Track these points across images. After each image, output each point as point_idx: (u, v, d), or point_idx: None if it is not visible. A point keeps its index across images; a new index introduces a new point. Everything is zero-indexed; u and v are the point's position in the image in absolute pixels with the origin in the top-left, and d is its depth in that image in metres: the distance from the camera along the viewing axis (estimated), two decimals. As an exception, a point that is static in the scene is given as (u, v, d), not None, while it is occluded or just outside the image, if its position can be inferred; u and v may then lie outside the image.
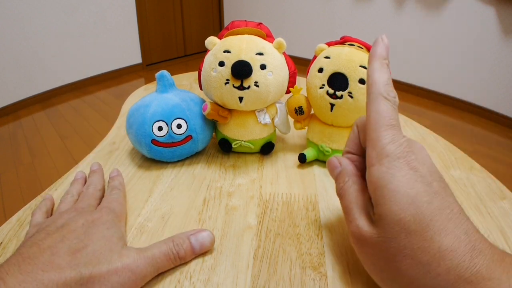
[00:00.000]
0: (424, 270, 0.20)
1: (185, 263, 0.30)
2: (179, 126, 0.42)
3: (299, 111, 0.44)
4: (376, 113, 0.23)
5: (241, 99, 0.40)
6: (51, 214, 0.35)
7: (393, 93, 0.24)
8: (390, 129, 0.23)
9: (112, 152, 0.48)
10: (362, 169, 0.28)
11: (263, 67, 0.40)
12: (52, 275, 0.23)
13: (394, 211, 0.21)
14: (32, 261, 0.24)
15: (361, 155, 0.29)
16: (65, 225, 0.28)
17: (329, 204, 0.38)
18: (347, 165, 0.28)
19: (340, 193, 0.27)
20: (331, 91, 0.40)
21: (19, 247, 0.26)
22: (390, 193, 0.21)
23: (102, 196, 0.37)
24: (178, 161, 0.45)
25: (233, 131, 0.45)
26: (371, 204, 0.24)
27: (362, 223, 0.24)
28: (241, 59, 0.39)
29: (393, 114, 0.23)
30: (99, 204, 0.35)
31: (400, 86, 2.63)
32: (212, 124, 0.46)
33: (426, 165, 0.22)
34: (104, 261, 0.26)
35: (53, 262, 0.24)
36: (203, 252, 0.31)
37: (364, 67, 0.39)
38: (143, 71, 3.23)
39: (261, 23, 0.45)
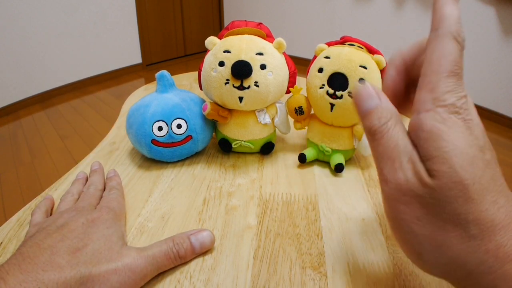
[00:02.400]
0: (474, 244, 0.18)
1: (185, 263, 0.30)
2: (179, 126, 0.42)
3: (299, 111, 0.44)
4: (442, 54, 0.20)
5: (241, 99, 0.40)
6: (51, 214, 0.35)
7: (463, 35, 0.20)
8: (454, 77, 0.20)
9: (112, 152, 0.48)
10: None
11: (263, 67, 0.40)
12: (52, 275, 0.23)
13: (456, 169, 0.18)
14: (32, 260, 0.24)
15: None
16: (65, 225, 0.28)
17: (329, 204, 0.38)
18: (388, 102, 0.22)
19: (378, 133, 0.21)
20: (331, 91, 0.40)
21: (20, 246, 0.26)
22: (450, 147, 0.18)
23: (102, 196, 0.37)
24: (178, 161, 0.45)
25: (233, 131, 0.45)
26: (418, 155, 0.20)
27: (411, 175, 0.19)
28: (241, 59, 0.39)
29: (460, 61, 0.20)
30: (98, 203, 0.35)
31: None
32: (212, 124, 0.46)
33: (481, 130, 0.20)
34: (104, 260, 0.26)
35: (53, 262, 0.24)
36: (204, 251, 0.31)
37: (364, 67, 0.39)
38: (143, 71, 3.23)
39: (261, 23, 0.45)
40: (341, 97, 0.39)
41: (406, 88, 0.25)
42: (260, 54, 0.40)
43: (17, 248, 0.26)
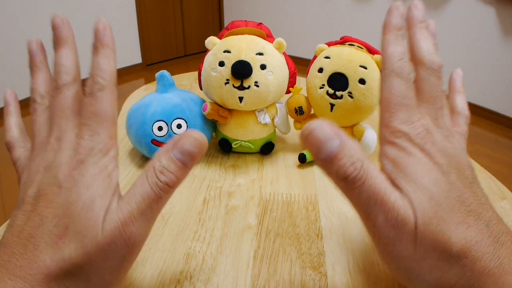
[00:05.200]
0: (453, 261, 0.20)
1: (185, 263, 0.30)
2: (179, 126, 0.42)
3: (299, 111, 0.44)
4: (389, 92, 0.21)
5: (241, 99, 0.40)
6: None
7: (407, 68, 0.22)
8: (403, 108, 0.21)
9: (112, 152, 0.48)
10: None
11: (263, 67, 0.40)
12: (40, 277, 0.22)
13: (419, 201, 0.19)
14: (18, 261, 0.22)
15: None
16: (42, 194, 0.23)
17: (329, 204, 0.38)
18: (348, 138, 0.21)
19: (358, 180, 0.20)
20: (331, 91, 0.40)
21: (5, 232, 0.23)
22: (414, 175, 0.20)
23: (80, 92, 0.27)
24: (178, 161, 0.45)
25: (233, 131, 0.45)
26: (396, 190, 0.21)
27: (403, 212, 0.20)
28: (241, 59, 0.39)
29: (407, 93, 0.21)
30: (77, 113, 0.25)
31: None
32: (212, 124, 0.46)
33: (444, 153, 0.21)
34: (89, 243, 0.22)
35: (38, 259, 0.22)
36: (197, 161, 0.24)
37: (364, 67, 0.39)
38: (143, 71, 3.23)
39: (261, 23, 0.45)
40: (341, 97, 0.39)
41: None
42: (260, 54, 0.40)
43: (3, 235, 0.23)
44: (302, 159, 0.44)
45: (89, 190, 0.22)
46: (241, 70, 0.38)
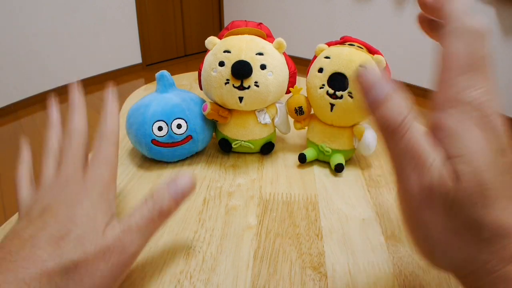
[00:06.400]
0: (482, 246, 0.18)
1: (185, 263, 0.30)
2: (179, 126, 0.42)
3: (299, 111, 0.44)
4: (457, 50, 0.19)
5: (241, 99, 0.40)
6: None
7: (481, 21, 0.20)
8: (470, 73, 0.19)
9: (112, 152, 0.48)
10: None
11: (263, 67, 0.40)
12: (33, 271, 0.22)
13: (478, 172, 0.17)
14: (12, 257, 0.23)
15: None
16: (47, 209, 0.26)
17: (329, 204, 0.38)
18: (399, 90, 0.20)
19: (399, 131, 0.19)
20: (331, 91, 0.40)
21: (3, 238, 0.24)
22: (472, 149, 0.18)
23: (88, 146, 0.32)
24: (178, 161, 0.45)
25: (233, 131, 0.45)
26: (440, 156, 0.18)
27: (437, 177, 0.18)
28: (241, 59, 0.39)
29: (475, 56, 0.19)
30: (85, 162, 0.30)
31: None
32: (212, 124, 0.46)
33: (501, 128, 0.19)
34: (89, 245, 0.24)
35: (34, 256, 0.23)
36: (187, 198, 0.28)
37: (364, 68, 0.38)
38: (143, 71, 3.23)
39: (261, 23, 0.45)
40: (341, 97, 0.39)
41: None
42: (260, 54, 0.40)
43: (1, 240, 0.24)
44: (302, 159, 0.44)
45: (93, 208, 0.26)
46: (241, 70, 0.38)
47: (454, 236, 0.18)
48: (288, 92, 0.44)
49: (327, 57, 0.41)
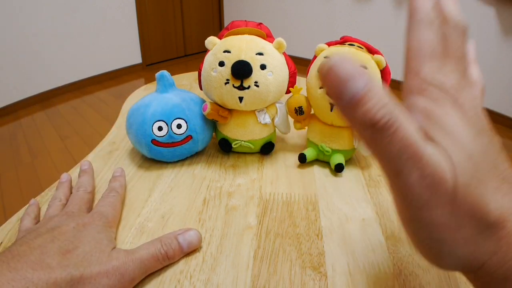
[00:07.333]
0: (487, 233, 0.17)
1: (185, 263, 0.30)
2: (179, 126, 0.42)
3: (299, 111, 0.44)
4: (418, 40, 0.19)
5: (241, 99, 0.40)
6: (39, 221, 0.35)
7: (437, 21, 0.20)
8: (435, 58, 0.19)
9: (112, 152, 0.48)
10: None
11: (263, 67, 0.40)
12: (42, 274, 0.23)
13: (464, 148, 0.17)
14: (21, 258, 0.24)
15: None
16: (56, 228, 0.28)
17: (329, 204, 0.38)
18: (374, 79, 0.17)
19: (389, 127, 0.16)
20: (331, 91, 0.40)
21: (10, 246, 0.26)
22: (451, 128, 0.17)
23: (92, 199, 0.37)
24: (178, 161, 0.45)
25: (233, 131, 0.45)
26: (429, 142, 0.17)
27: (439, 168, 0.16)
28: (241, 59, 0.39)
29: (437, 44, 0.19)
30: (89, 207, 0.34)
31: (399, 86, 2.63)
32: (212, 124, 0.46)
33: (477, 111, 0.18)
34: (94, 262, 0.26)
35: (43, 261, 0.24)
36: (191, 251, 0.31)
37: (364, 67, 0.38)
38: (143, 71, 3.23)
39: (261, 23, 0.45)
40: (341, 97, 0.39)
41: None
42: (260, 54, 0.40)
43: (7, 247, 0.26)
44: (302, 159, 0.44)
45: (99, 233, 0.29)
46: (241, 70, 0.38)
47: (458, 231, 0.17)
48: (288, 92, 0.44)
49: (327, 57, 0.41)
